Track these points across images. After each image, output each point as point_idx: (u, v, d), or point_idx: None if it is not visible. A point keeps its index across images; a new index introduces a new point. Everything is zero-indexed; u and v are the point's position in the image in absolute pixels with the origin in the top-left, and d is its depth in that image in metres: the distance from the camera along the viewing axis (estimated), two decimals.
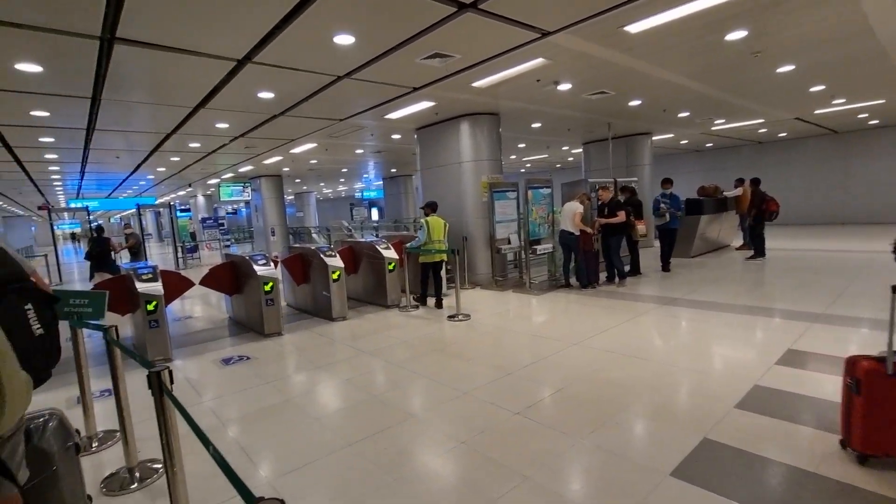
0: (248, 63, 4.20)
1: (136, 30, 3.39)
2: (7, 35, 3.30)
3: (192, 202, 24.26)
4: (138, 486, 2.58)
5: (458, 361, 4.32)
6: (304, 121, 6.88)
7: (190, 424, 1.42)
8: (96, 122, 6.07)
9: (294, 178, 16.78)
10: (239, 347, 5.20)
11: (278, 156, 10.37)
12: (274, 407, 3.56)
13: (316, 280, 6.38)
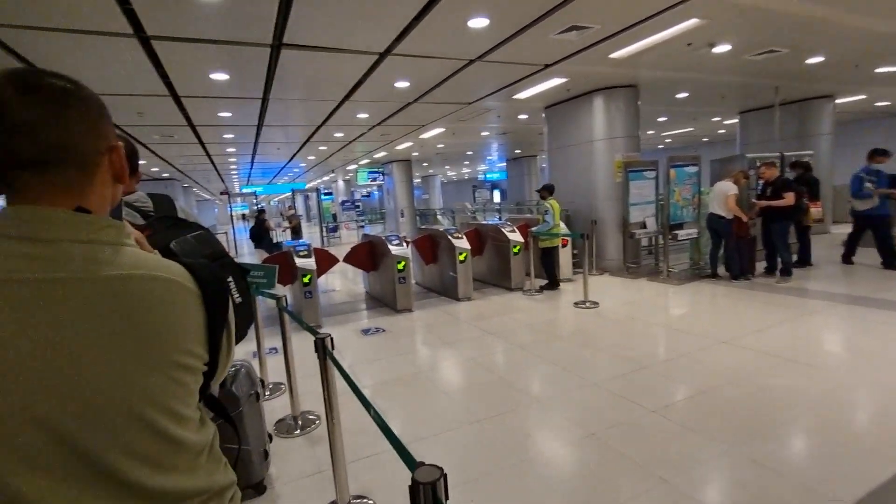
0: (388, 55, 4.47)
1: (298, 35, 3.83)
2: (205, 51, 3.99)
3: (334, 186, 27.04)
4: (300, 433, 3.02)
5: (585, 350, 4.17)
6: (435, 106, 7.13)
7: (352, 388, 1.61)
8: (264, 118, 7.07)
9: (422, 161, 17.62)
10: (375, 320, 5.71)
11: (409, 141, 10.96)
12: (406, 377, 3.85)
13: (443, 260, 6.67)
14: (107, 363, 0.62)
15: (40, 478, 0.59)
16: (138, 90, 5.10)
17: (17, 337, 0.58)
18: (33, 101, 0.61)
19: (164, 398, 0.66)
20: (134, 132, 7.29)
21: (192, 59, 4.21)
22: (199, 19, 3.39)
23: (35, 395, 0.58)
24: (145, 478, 0.65)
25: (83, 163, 0.67)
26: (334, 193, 26.50)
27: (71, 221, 0.64)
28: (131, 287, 0.64)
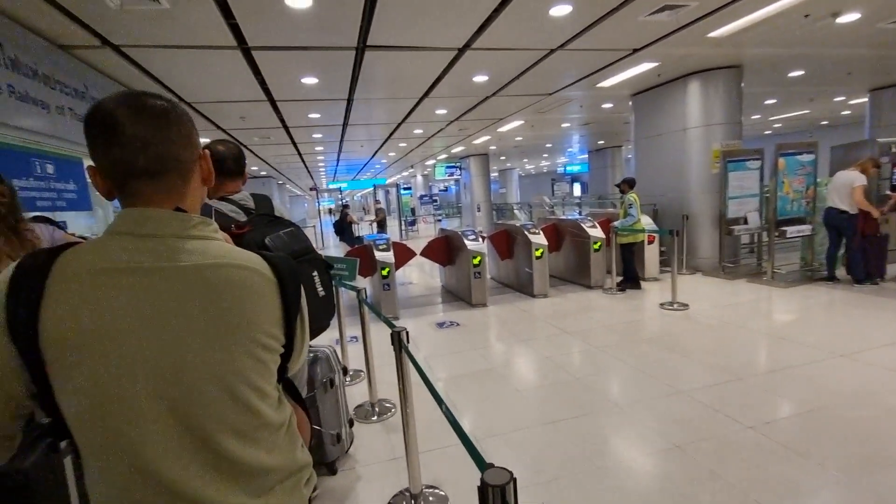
0: (468, 50, 4.47)
1: (381, 37, 3.97)
2: (297, 57, 4.28)
3: (413, 181, 27.79)
4: (377, 419, 3.16)
5: (671, 355, 3.88)
6: (513, 99, 7.01)
7: (425, 382, 1.64)
8: (349, 118, 7.44)
9: (499, 155, 17.48)
10: (450, 314, 5.79)
11: (486, 135, 10.92)
12: (479, 372, 3.86)
13: (519, 256, 6.57)
14: (202, 340, 0.72)
15: (161, 446, 0.69)
16: (241, 97, 5.61)
17: (131, 317, 0.69)
18: (142, 119, 0.72)
19: (248, 373, 0.75)
20: (237, 135, 8.05)
21: (286, 65, 4.54)
22: (292, 28, 3.64)
23: (151, 371, 0.69)
24: (235, 448, 0.74)
25: (182, 170, 0.77)
26: (413, 188, 27.24)
27: (172, 220, 0.75)
28: (220, 274, 0.74)
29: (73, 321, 0.67)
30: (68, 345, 0.66)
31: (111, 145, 0.71)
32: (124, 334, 0.68)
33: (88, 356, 0.67)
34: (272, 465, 0.79)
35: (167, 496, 0.69)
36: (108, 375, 0.67)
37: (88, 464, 0.71)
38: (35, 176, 3.33)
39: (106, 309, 0.68)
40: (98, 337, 0.67)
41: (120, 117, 0.70)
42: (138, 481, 0.69)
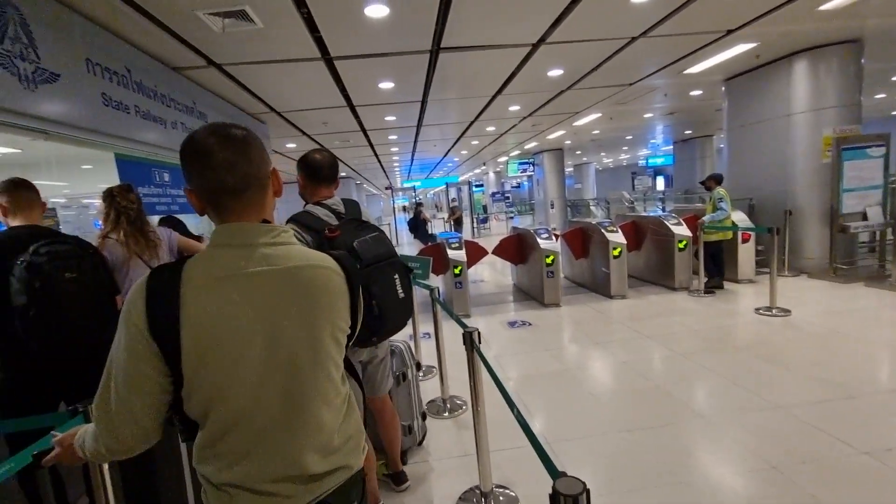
0: (542, 45, 4.38)
1: (454, 38, 4.02)
2: (376, 64, 4.47)
3: (485, 178, 27.75)
4: (449, 415, 3.23)
5: (767, 366, 3.53)
6: (590, 92, 6.75)
7: (497, 384, 1.66)
8: (423, 118, 7.62)
9: (575, 150, 16.89)
10: (522, 313, 5.73)
11: (561, 130, 10.61)
12: (551, 373, 3.79)
13: (595, 255, 6.33)
14: (296, 327, 0.89)
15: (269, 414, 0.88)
16: (324, 104, 5.97)
17: (242, 312, 0.86)
18: (228, 146, 0.87)
19: (330, 351, 0.95)
20: (320, 139, 8.58)
21: (364, 72, 4.76)
22: (370, 37, 3.81)
23: (259, 354, 0.86)
24: (322, 413, 0.93)
25: (261, 186, 0.92)
26: (485, 185, 27.22)
27: (261, 231, 0.91)
28: (305, 273, 0.92)
29: (205, 318, 0.83)
30: (203, 337, 0.83)
31: (206, 168, 0.86)
32: (239, 327, 0.85)
33: (217, 345, 0.84)
34: (341, 427, 0.97)
35: (279, 446, 0.88)
36: (228, 359, 0.85)
37: (218, 434, 0.87)
38: (154, 183, 3.81)
39: (225, 307, 0.85)
40: (221, 329, 0.84)
41: (211, 146, 0.86)
42: (261, 435, 0.87)
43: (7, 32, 2.27)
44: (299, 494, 0.90)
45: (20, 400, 1.98)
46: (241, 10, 3.05)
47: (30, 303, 1.78)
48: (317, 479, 0.92)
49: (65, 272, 1.87)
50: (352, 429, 1.02)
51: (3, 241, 1.91)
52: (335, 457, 0.95)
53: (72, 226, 3.58)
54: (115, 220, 2.51)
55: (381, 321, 1.67)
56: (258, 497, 0.88)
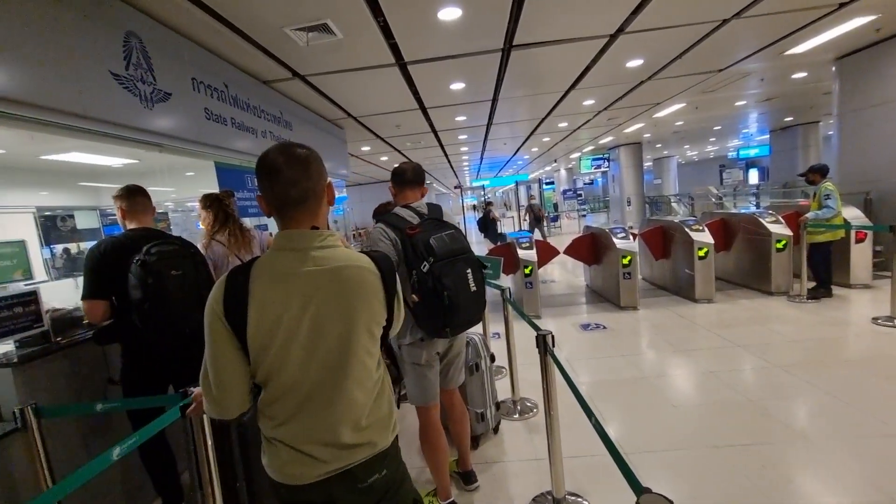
0: (620, 35, 4.17)
1: (527, 35, 3.96)
2: (447, 66, 4.53)
3: (556, 176, 27.02)
4: (519, 417, 3.20)
5: (889, 384, 3.09)
6: (672, 81, 6.31)
7: (573, 390, 1.62)
8: (493, 117, 7.58)
9: (654, 143, 15.90)
10: (595, 315, 5.51)
11: (639, 123, 10.04)
12: (628, 380, 3.61)
13: (677, 255, 5.92)
14: (336, 317, 1.07)
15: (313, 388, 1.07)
16: (397, 107, 6.16)
17: (293, 305, 1.04)
18: (292, 165, 1.06)
19: (363, 340, 1.10)
20: (392, 142, 8.86)
21: (436, 74, 4.84)
22: (442, 40, 3.86)
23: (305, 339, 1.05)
24: (354, 391, 1.10)
25: (318, 198, 1.11)
26: (556, 182, 26.51)
27: (312, 237, 1.09)
28: (344, 273, 1.09)
29: (266, 308, 1.03)
30: (263, 325, 1.03)
31: (274, 183, 1.07)
32: (290, 316, 1.04)
33: (273, 330, 1.04)
34: (372, 408, 1.14)
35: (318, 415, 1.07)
36: (283, 342, 1.04)
37: (274, 398, 1.08)
38: (247, 188, 4.17)
39: (280, 301, 1.04)
40: (277, 319, 1.04)
41: (280, 165, 1.06)
42: (303, 403, 1.07)
43: (132, 59, 2.60)
44: (330, 460, 1.08)
45: (138, 382, 2.27)
46: (324, 24, 3.24)
47: (144, 297, 2.03)
48: (347, 449, 1.10)
49: (171, 270, 2.11)
50: (382, 410, 1.17)
51: (123, 243, 2.18)
52: (364, 433, 1.12)
53: (179, 227, 4.02)
54: (223, 220, 2.82)
55: (452, 312, 1.81)
56: (297, 454, 1.08)
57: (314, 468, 1.07)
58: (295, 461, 1.08)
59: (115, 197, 2.34)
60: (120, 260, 2.09)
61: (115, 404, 1.96)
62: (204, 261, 2.42)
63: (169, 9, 2.81)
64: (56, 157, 5.59)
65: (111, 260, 2.10)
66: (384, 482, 1.17)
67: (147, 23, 2.80)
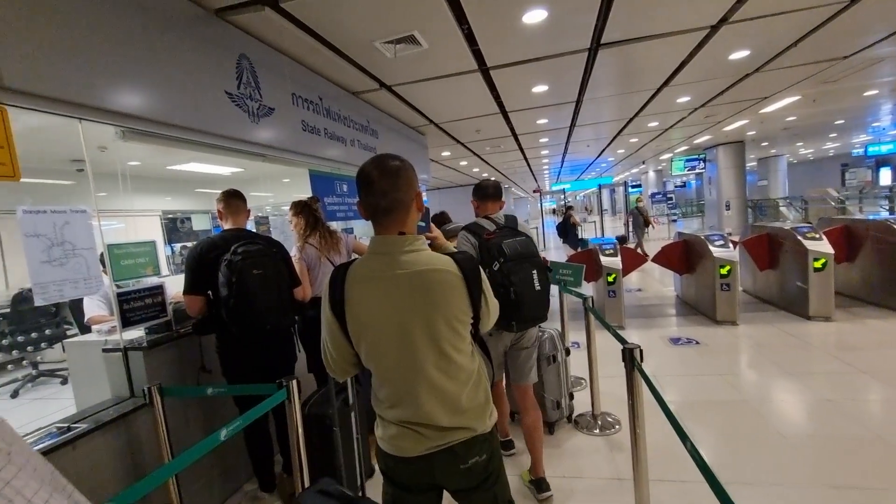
0: (724, 25, 3.83)
1: (616, 32, 3.78)
2: (530, 69, 4.47)
3: (643, 178, 25.45)
4: (599, 433, 3.05)
5: None
6: (785, 72, 5.65)
7: (665, 413, 1.51)
8: (576, 119, 7.34)
9: (759, 141, 14.35)
10: (687, 329, 5.09)
11: (743, 119, 9.12)
12: (725, 403, 3.28)
13: (786, 267, 5.29)
14: (418, 315, 1.19)
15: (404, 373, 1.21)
16: (477, 112, 6.19)
17: (381, 303, 1.19)
18: (384, 177, 1.20)
19: (445, 334, 1.21)
20: (472, 146, 8.93)
21: (518, 78, 4.79)
22: (526, 43, 3.82)
23: (392, 333, 1.19)
24: (439, 379, 1.21)
25: (406, 207, 1.24)
26: (643, 185, 24.98)
27: (396, 242, 1.22)
28: (427, 275, 1.20)
29: (359, 305, 1.20)
30: (358, 319, 1.20)
31: (368, 194, 1.21)
32: (379, 313, 1.19)
33: (366, 325, 1.20)
34: (465, 397, 1.24)
35: (413, 400, 1.21)
36: (374, 336, 1.21)
37: (378, 384, 1.26)
38: (336, 194, 4.44)
39: (370, 299, 1.20)
40: (369, 314, 1.20)
41: (374, 177, 1.19)
42: (400, 391, 1.22)
43: (243, 79, 2.90)
44: (434, 438, 1.23)
45: (235, 371, 2.48)
46: (411, 35, 3.35)
47: (229, 294, 2.22)
48: (445, 430, 1.22)
49: (253, 269, 2.28)
50: (479, 398, 1.28)
51: (216, 243, 2.39)
52: (461, 417, 1.24)
53: (278, 230, 4.38)
54: (312, 224, 3.04)
55: (518, 308, 2.03)
56: (403, 429, 1.23)
57: (419, 443, 1.22)
58: (403, 435, 1.24)
59: (217, 200, 2.60)
60: (213, 259, 2.29)
61: (222, 390, 2.18)
62: (287, 258, 2.59)
63: (275, 31, 3.08)
64: (178, 168, 6.39)
65: (206, 259, 2.31)
66: (483, 467, 1.27)
67: (256, 45, 3.10)
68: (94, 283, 1.90)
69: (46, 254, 1.69)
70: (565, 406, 3.21)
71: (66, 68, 1.83)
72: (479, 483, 1.27)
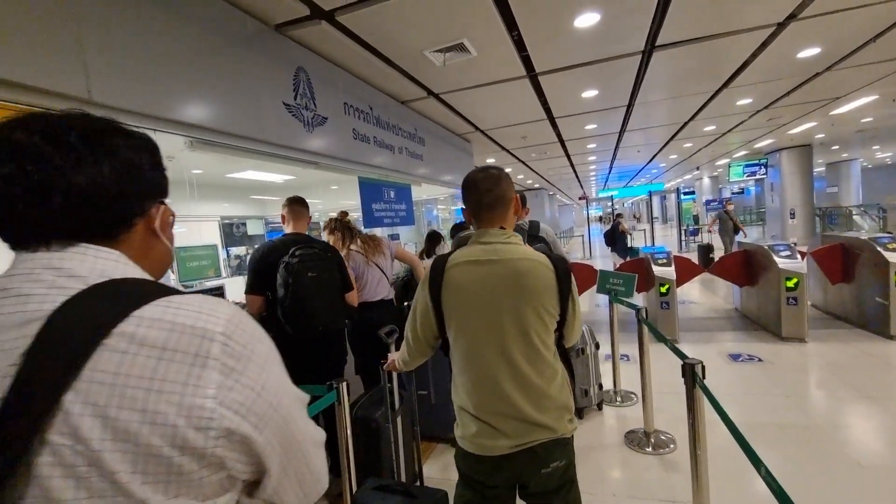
0: (792, 22, 3.60)
1: (673, 34, 3.64)
2: (580, 74, 4.39)
3: (697, 185, 24.27)
4: (652, 451, 2.90)
5: None
6: (861, 70, 5.23)
7: (732, 432, 1.42)
8: (626, 125, 7.12)
9: (829, 145, 13.33)
10: (748, 345, 4.77)
11: (810, 122, 8.52)
12: (792, 426, 3.04)
13: (863, 280, 4.85)
14: (509, 300, 1.29)
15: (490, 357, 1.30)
16: (524, 119, 6.14)
17: (477, 285, 1.31)
18: (487, 181, 1.38)
19: (533, 323, 1.30)
20: (518, 153, 8.86)
21: (567, 83, 4.72)
22: (577, 47, 3.75)
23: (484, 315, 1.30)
24: (525, 368, 1.29)
25: (506, 205, 1.40)
26: (697, 192, 23.83)
27: (498, 233, 1.37)
28: (521, 264, 1.32)
29: (456, 286, 1.33)
30: (453, 298, 1.34)
31: (472, 192, 1.39)
32: (474, 294, 1.31)
33: (459, 304, 1.33)
34: (548, 393, 1.30)
35: (495, 386, 1.28)
36: (467, 317, 1.32)
37: (461, 368, 1.35)
38: (384, 200, 4.52)
39: (468, 281, 1.33)
40: (463, 294, 1.32)
41: (479, 180, 1.39)
42: (482, 375, 1.30)
43: (299, 90, 3.02)
44: (513, 435, 1.27)
45: (289, 372, 2.55)
46: (460, 44, 3.38)
47: (285, 295, 2.31)
48: (527, 424, 1.27)
49: (308, 272, 2.36)
50: (561, 399, 1.33)
51: (277, 246, 2.50)
52: (544, 415, 1.28)
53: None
54: (349, 236, 3.12)
55: None
56: (484, 426, 1.29)
57: (500, 440, 1.27)
58: (484, 433, 1.28)
59: (282, 205, 2.72)
60: (273, 261, 2.40)
61: None
62: (341, 263, 2.66)
63: (331, 44, 3.20)
64: (236, 175, 6.74)
65: (267, 260, 2.43)
66: (562, 473, 1.33)
67: (312, 58, 3.23)
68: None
69: None
70: (594, 395, 3.46)
71: (144, 84, 1.98)
72: (556, 488, 1.33)
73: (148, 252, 0.64)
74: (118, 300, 0.51)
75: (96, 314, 0.49)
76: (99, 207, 0.56)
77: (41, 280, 0.51)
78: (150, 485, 0.47)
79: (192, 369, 0.50)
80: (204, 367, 0.50)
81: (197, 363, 0.50)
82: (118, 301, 0.51)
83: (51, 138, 0.53)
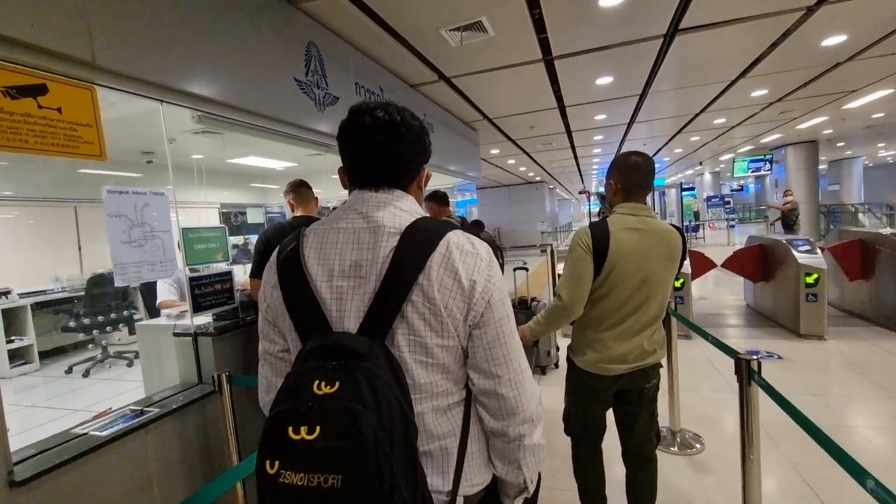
0: (822, 6, 3.45)
1: (698, 16, 3.49)
2: (596, 59, 4.22)
3: (698, 180, 24.19)
4: (678, 451, 2.78)
5: None
6: (881, 62, 5.10)
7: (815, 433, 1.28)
8: (636, 116, 6.96)
9: (835, 141, 13.25)
10: (764, 342, 4.66)
11: (821, 116, 8.40)
12: (826, 427, 2.91)
13: (884, 277, 4.75)
14: (658, 264, 1.71)
15: (635, 311, 1.74)
16: (533, 107, 5.98)
17: (634, 250, 1.69)
18: (648, 164, 1.78)
19: (668, 283, 1.76)
20: (523, 144, 8.69)
21: (583, 69, 4.55)
22: (598, 29, 3.59)
23: (636, 275, 1.70)
24: (656, 315, 1.77)
25: (651, 189, 1.82)
26: (697, 188, 23.76)
27: (643, 208, 1.77)
28: (666, 234, 1.75)
29: (619, 248, 1.67)
30: (615, 257, 1.67)
31: (634, 173, 1.77)
32: (631, 257, 1.68)
33: (619, 262, 1.67)
34: (659, 329, 1.81)
35: (632, 329, 1.74)
36: (622, 272, 1.68)
37: (607, 312, 1.74)
38: None
39: (628, 244, 1.68)
40: (623, 255, 1.67)
41: (640, 163, 1.77)
42: (624, 319, 1.73)
43: (311, 67, 2.85)
44: (633, 360, 1.75)
45: None
46: (478, 22, 3.21)
47: None
48: (644, 352, 1.75)
49: None
50: (660, 335, 1.83)
51: (285, 228, 2.42)
52: (653, 345, 1.78)
53: None
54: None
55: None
56: (612, 354, 1.73)
57: (623, 363, 1.74)
58: (612, 359, 1.73)
59: (285, 193, 2.58)
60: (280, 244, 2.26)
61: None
62: None
63: (343, 19, 3.02)
64: (237, 161, 6.55)
65: (273, 244, 2.28)
66: (654, 389, 1.87)
67: (324, 33, 3.05)
68: (170, 266, 1.87)
69: (127, 234, 1.66)
70: (553, 354, 4.30)
71: (152, 51, 1.81)
72: (649, 398, 1.84)
73: (417, 198, 0.98)
74: (437, 226, 0.87)
75: (429, 233, 0.86)
76: (408, 169, 0.94)
77: (388, 208, 0.90)
78: (461, 320, 0.85)
79: (476, 261, 0.87)
80: (481, 260, 0.87)
81: (479, 259, 0.87)
82: (437, 227, 0.87)
83: (392, 122, 0.90)
